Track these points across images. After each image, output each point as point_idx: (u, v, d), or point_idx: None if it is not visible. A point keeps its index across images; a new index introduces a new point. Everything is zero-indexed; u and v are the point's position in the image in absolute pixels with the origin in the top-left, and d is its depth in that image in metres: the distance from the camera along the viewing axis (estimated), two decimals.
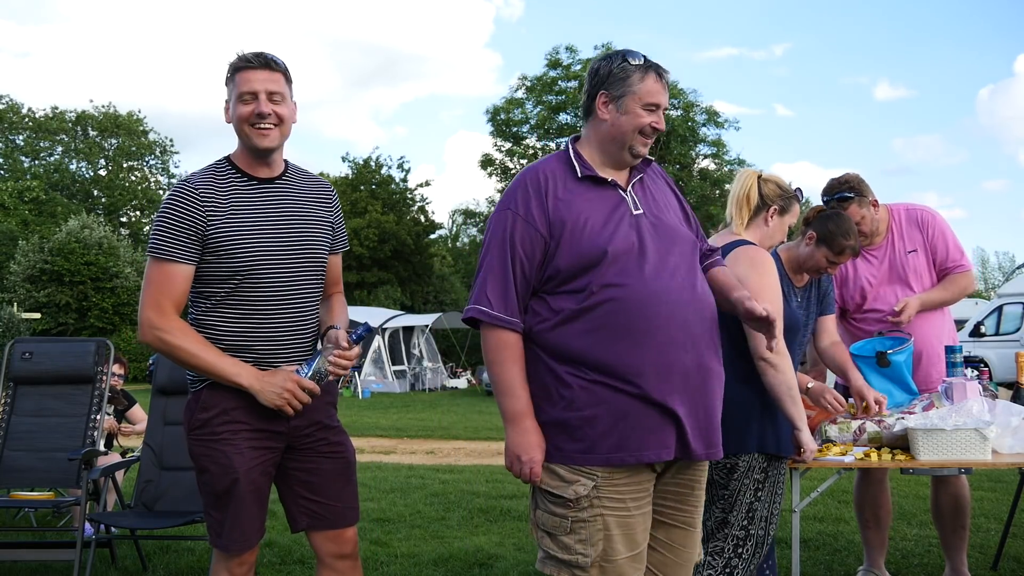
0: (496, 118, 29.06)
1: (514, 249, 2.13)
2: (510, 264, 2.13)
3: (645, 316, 2.06)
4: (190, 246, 2.29)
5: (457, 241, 43.22)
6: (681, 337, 2.08)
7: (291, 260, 2.37)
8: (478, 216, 31.63)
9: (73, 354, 4.69)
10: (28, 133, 41.29)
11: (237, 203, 2.34)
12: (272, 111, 2.34)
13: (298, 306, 2.40)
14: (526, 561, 4.35)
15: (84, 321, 27.11)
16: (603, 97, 2.19)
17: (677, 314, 2.09)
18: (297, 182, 2.48)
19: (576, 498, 2.08)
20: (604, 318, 2.06)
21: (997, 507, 5.54)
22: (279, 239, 2.36)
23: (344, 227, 2.61)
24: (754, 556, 2.69)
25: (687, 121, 27.92)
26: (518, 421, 2.11)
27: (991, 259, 55.49)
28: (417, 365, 22.65)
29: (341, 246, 2.60)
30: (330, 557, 2.45)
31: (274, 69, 2.37)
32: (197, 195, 2.31)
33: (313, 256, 2.43)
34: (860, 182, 3.58)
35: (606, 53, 2.31)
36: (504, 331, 2.12)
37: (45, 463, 4.46)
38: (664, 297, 2.09)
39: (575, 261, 2.09)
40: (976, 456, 2.91)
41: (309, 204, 2.46)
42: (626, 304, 2.06)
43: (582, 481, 2.08)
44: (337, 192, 3.00)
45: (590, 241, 2.10)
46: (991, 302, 17.34)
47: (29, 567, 4.23)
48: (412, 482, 7.11)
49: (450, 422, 13.08)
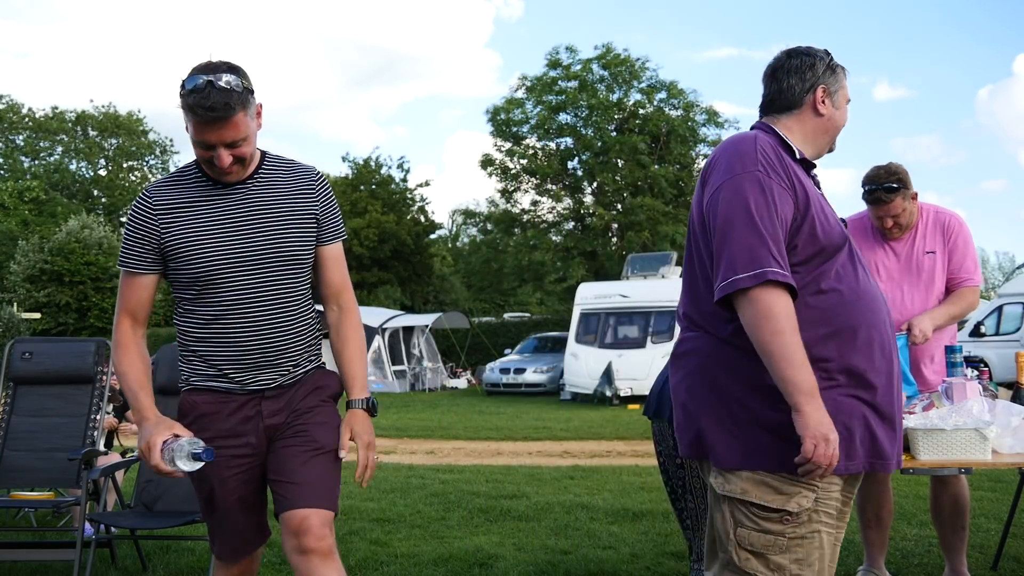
0: (496, 118, 29.03)
1: (774, 209, 1.94)
2: (777, 224, 1.93)
3: (868, 317, 2.00)
4: (146, 256, 2.25)
5: (457, 241, 43.21)
6: (889, 339, 2.05)
7: (254, 265, 2.24)
8: (478, 216, 31.59)
9: (73, 354, 4.69)
10: (28, 133, 41.31)
11: (196, 209, 2.24)
12: (232, 159, 2.16)
13: (269, 311, 2.26)
14: (526, 561, 4.34)
15: (84, 321, 27.10)
16: (822, 91, 2.17)
17: (887, 317, 2.07)
18: (270, 179, 2.31)
19: (798, 512, 1.91)
20: (831, 313, 1.98)
21: (997, 507, 5.54)
22: (238, 244, 2.22)
23: (337, 214, 2.40)
24: None
25: (687, 121, 27.88)
26: (815, 395, 1.86)
27: (991, 259, 55.45)
28: (417, 365, 22.64)
29: (332, 235, 2.38)
30: (292, 553, 2.17)
31: (231, 114, 2.08)
32: (151, 203, 2.24)
33: (281, 259, 2.27)
34: (906, 174, 3.50)
35: (803, 48, 2.23)
36: (788, 295, 1.91)
37: (45, 463, 4.46)
38: (880, 298, 2.07)
39: (815, 245, 1.98)
40: (976, 456, 2.90)
41: (280, 201, 2.28)
42: (852, 301, 2.00)
43: (803, 492, 1.92)
44: (337, 191, 2.94)
45: (832, 227, 2.01)
46: (991, 302, 17.32)
47: (29, 567, 4.23)
48: (412, 482, 7.11)
49: (450, 422, 13.08)
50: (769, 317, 1.87)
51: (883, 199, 3.45)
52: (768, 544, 1.92)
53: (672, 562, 4.31)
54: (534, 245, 28.54)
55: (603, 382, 16.05)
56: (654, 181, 26.88)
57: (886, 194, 3.45)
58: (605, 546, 4.69)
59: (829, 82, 2.19)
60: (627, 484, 6.87)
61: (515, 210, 29.72)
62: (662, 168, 27.36)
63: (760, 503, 1.93)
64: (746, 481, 1.94)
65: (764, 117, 2.26)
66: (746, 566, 1.94)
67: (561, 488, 6.75)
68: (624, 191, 27.93)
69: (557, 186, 29.36)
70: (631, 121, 28.32)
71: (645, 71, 28.41)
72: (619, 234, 28.40)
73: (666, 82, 28.40)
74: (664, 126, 27.70)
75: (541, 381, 19.32)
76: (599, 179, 27.99)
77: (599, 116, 27.76)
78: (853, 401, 1.96)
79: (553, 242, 29.12)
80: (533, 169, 28.84)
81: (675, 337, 2.73)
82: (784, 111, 2.20)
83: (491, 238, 30.30)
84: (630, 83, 28.48)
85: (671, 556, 4.42)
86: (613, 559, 4.38)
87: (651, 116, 28.02)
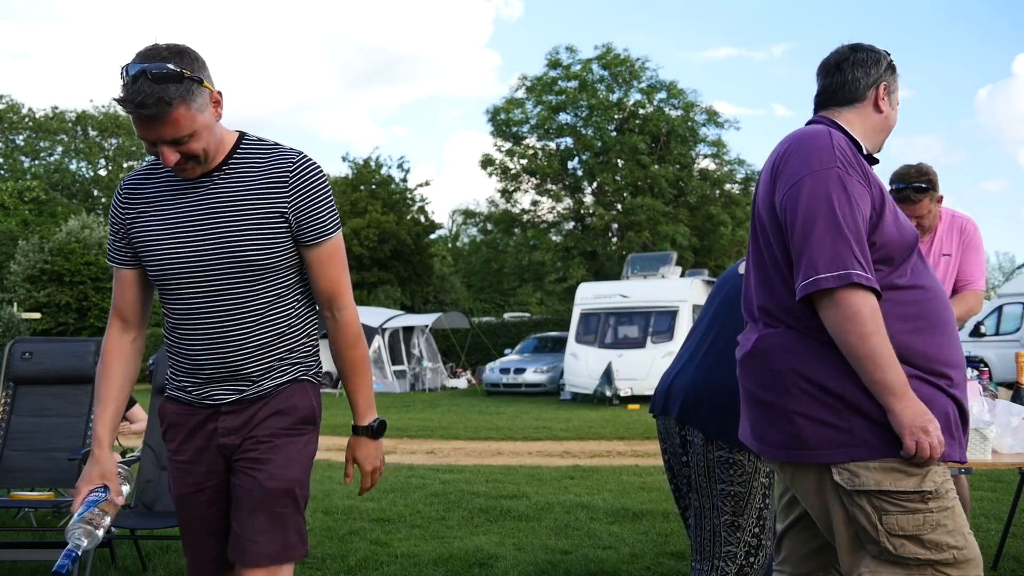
0: (496, 118, 29.02)
1: (856, 207, 1.92)
2: (859, 223, 1.91)
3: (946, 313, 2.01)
4: (123, 249, 2.08)
5: (457, 241, 43.21)
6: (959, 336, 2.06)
7: (205, 272, 1.98)
8: (478, 216, 31.59)
9: (73, 354, 4.69)
10: (28, 133, 41.32)
11: (160, 204, 2.02)
12: (179, 156, 1.90)
13: (223, 323, 2.01)
14: (526, 561, 4.34)
15: (84, 321, 27.08)
16: (884, 88, 2.16)
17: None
18: (241, 170, 2.00)
19: (935, 488, 1.90)
20: (918, 308, 1.98)
21: (997, 507, 5.54)
22: (190, 247, 1.98)
23: (322, 209, 2.02)
24: (763, 567, 2.69)
25: (687, 121, 27.88)
26: (907, 392, 1.87)
27: (991, 259, 55.37)
28: (417, 365, 22.64)
29: (315, 235, 2.02)
30: None
31: (166, 111, 1.81)
32: (121, 195, 2.08)
33: (235, 265, 1.97)
34: (935, 175, 3.49)
35: (866, 44, 2.21)
36: (872, 295, 1.88)
37: (45, 463, 4.47)
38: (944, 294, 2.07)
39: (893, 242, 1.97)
40: (976, 456, 2.90)
41: (243, 198, 1.98)
42: (932, 298, 2.00)
43: (932, 468, 1.90)
44: (337, 191, 2.79)
45: (904, 225, 2.01)
46: (991, 302, 17.30)
47: (29, 567, 4.23)
48: (412, 482, 7.10)
49: (450, 422, 13.07)
50: (855, 320, 1.86)
51: (912, 198, 3.43)
52: (919, 524, 1.90)
53: (672, 562, 4.31)
54: (534, 245, 28.54)
55: (603, 382, 16.05)
56: (654, 181, 26.88)
57: (915, 194, 3.42)
58: (605, 546, 4.69)
59: (890, 80, 2.18)
60: (627, 484, 6.87)
61: (515, 210, 29.72)
62: (662, 168, 27.36)
63: (897, 489, 1.90)
64: (875, 472, 1.90)
65: (823, 111, 2.21)
66: (903, 551, 1.91)
67: (561, 488, 6.75)
68: (624, 191, 27.92)
69: (557, 186, 29.35)
70: (631, 121, 28.31)
71: (645, 71, 28.42)
72: (619, 234, 28.39)
73: (666, 82, 28.42)
74: (664, 126, 27.70)
75: (541, 381, 19.32)
76: (599, 179, 27.98)
77: (599, 116, 27.76)
78: (942, 395, 1.96)
79: (553, 242, 29.11)
80: (533, 169, 28.83)
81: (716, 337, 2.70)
82: (846, 104, 2.17)
83: (491, 238, 30.30)
84: (630, 83, 28.48)
85: (671, 556, 4.42)
86: (613, 559, 4.38)
87: (651, 116, 28.02)
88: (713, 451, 2.62)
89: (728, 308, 2.75)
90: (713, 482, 2.64)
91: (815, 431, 1.94)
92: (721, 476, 2.65)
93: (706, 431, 2.62)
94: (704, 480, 2.66)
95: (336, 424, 11.61)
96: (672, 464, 2.82)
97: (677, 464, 2.79)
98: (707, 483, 2.66)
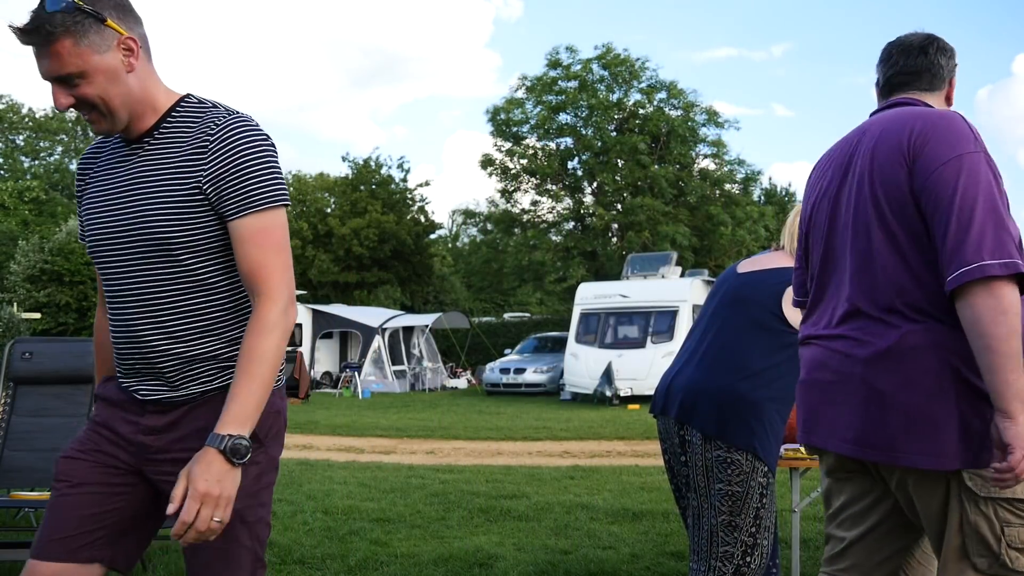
0: (496, 118, 29.04)
1: (1005, 195, 1.80)
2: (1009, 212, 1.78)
3: None
4: (83, 225, 1.93)
5: (457, 241, 43.23)
6: None
7: (119, 249, 1.79)
8: (478, 216, 31.61)
9: (73, 354, 4.69)
10: (28, 133, 41.36)
11: (101, 174, 1.87)
12: (73, 101, 1.71)
13: (141, 306, 1.78)
14: (526, 561, 4.35)
15: (84, 321, 27.08)
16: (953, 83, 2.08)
17: None
18: (171, 135, 1.79)
19: None
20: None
21: None
22: (108, 222, 1.80)
23: (241, 178, 1.73)
24: (760, 567, 2.69)
25: (687, 121, 27.90)
26: None
27: None
28: (417, 365, 22.66)
29: (237, 206, 1.73)
30: None
31: (48, 40, 1.65)
32: (79, 167, 1.95)
33: (147, 243, 1.75)
34: None
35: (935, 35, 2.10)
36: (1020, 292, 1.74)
37: (45, 463, 4.46)
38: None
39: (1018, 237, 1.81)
40: None
41: (162, 167, 1.77)
42: None
43: None
44: (337, 191, 2.50)
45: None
46: None
47: None
48: (412, 482, 7.11)
49: (450, 422, 13.08)
50: (1008, 314, 1.70)
51: None
52: None
53: (672, 562, 4.31)
54: (534, 245, 28.56)
55: (603, 382, 16.06)
56: (654, 181, 26.89)
57: None
58: (605, 546, 4.69)
59: (955, 77, 2.09)
60: (627, 484, 6.87)
61: (515, 210, 29.74)
62: (662, 168, 27.37)
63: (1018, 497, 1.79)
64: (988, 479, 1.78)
65: (902, 92, 2.06)
66: (1018, 565, 1.80)
67: (561, 488, 6.76)
68: (624, 191, 27.94)
69: (557, 186, 29.37)
70: (631, 121, 28.33)
71: (645, 71, 28.45)
72: (619, 234, 28.41)
73: (666, 82, 28.45)
74: (664, 126, 27.72)
75: (541, 381, 19.34)
76: (599, 179, 28.00)
77: (599, 116, 27.78)
78: None
79: (553, 242, 29.13)
80: (533, 169, 28.85)
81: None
82: (927, 89, 2.04)
83: (491, 238, 30.31)
84: (630, 83, 28.50)
85: (671, 556, 4.42)
86: (613, 559, 4.38)
87: (651, 116, 28.04)
88: (711, 451, 2.62)
89: (727, 308, 2.75)
90: (711, 481, 2.64)
91: (966, 436, 1.80)
92: (719, 475, 2.65)
93: (704, 431, 2.62)
94: (702, 480, 2.67)
95: (336, 424, 11.62)
96: (672, 464, 2.82)
97: (677, 464, 2.79)
98: (705, 483, 2.66)
